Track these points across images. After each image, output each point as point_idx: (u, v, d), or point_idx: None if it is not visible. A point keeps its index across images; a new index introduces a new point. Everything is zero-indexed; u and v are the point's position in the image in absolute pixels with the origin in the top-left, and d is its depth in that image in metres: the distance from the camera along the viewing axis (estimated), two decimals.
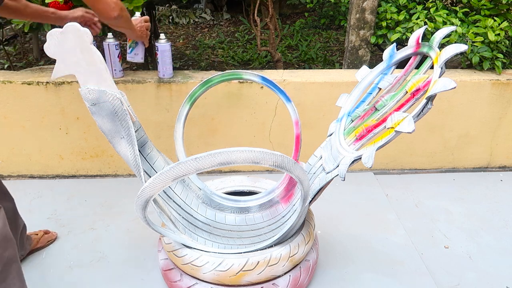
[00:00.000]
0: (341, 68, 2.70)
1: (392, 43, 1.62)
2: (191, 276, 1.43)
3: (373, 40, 2.40)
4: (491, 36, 2.17)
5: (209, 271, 1.35)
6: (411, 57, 1.39)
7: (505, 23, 2.22)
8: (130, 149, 1.31)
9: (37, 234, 1.79)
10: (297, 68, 3.12)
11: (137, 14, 1.94)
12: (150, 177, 1.42)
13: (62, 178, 2.35)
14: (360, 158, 1.21)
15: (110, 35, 2.07)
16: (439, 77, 1.15)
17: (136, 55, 2.03)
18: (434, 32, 1.47)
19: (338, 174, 1.28)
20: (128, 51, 2.04)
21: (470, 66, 2.39)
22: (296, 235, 1.46)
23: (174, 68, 2.22)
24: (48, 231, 1.85)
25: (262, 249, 1.39)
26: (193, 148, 2.30)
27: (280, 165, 1.11)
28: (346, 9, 2.70)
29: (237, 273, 1.34)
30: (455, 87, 1.06)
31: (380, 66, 1.47)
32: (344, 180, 1.24)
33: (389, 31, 2.39)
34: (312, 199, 1.39)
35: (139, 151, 1.42)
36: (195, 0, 4.75)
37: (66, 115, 2.18)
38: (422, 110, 1.14)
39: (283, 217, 1.64)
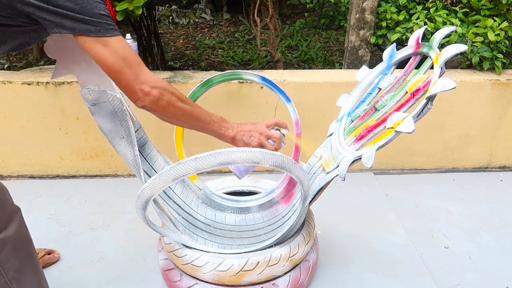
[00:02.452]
0: (341, 68, 2.70)
1: (392, 43, 1.63)
2: (191, 276, 1.43)
3: (373, 40, 2.40)
4: (491, 36, 2.17)
5: (209, 271, 1.35)
6: (411, 57, 1.39)
7: (505, 23, 2.22)
8: (130, 149, 1.31)
9: (38, 254, 1.65)
10: (297, 68, 3.12)
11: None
12: (150, 177, 1.42)
13: (62, 178, 2.35)
14: (360, 158, 1.21)
15: None
16: (439, 77, 1.15)
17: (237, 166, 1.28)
18: (434, 32, 1.47)
19: (338, 174, 1.28)
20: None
21: (470, 66, 2.39)
22: (296, 235, 1.46)
23: (174, 68, 2.22)
24: (52, 251, 1.74)
25: (262, 249, 1.38)
26: (193, 148, 2.30)
27: (280, 165, 1.11)
28: (346, 9, 2.70)
29: (237, 273, 1.34)
30: (455, 87, 1.06)
31: (380, 66, 1.47)
32: (344, 180, 1.24)
33: (389, 31, 2.39)
34: (312, 199, 1.39)
35: (139, 151, 1.42)
36: (195, 0, 4.75)
37: (66, 115, 2.18)
38: (422, 110, 1.14)
39: (283, 217, 1.64)
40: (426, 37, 2.30)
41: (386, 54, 1.46)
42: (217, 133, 1.20)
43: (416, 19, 2.32)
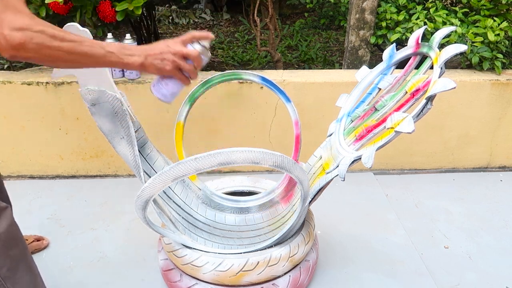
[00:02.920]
0: (341, 68, 2.70)
1: (392, 43, 1.63)
2: (191, 276, 1.43)
3: (373, 40, 2.40)
4: (491, 36, 2.17)
5: (209, 271, 1.35)
6: (410, 57, 1.39)
7: (505, 23, 2.22)
8: (130, 150, 1.31)
9: (27, 240, 1.71)
10: (297, 68, 3.12)
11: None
12: (150, 177, 1.42)
13: (62, 178, 2.35)
14: (360, 158, 1.21)
15: (110, 35, 2.07)
16: (439, 77, 1.15)
17: (158, 89, 1.10)
18: (434, 32, 1.48)
19: (338, 174, 1.28)
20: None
21: (469, 66, 2.39)
22: (296, 235, 1.46)
23: None
24: (41, 237, 1.79)
25: (262, 249, 1.39)
26: (193, 148, 2.30)
27: (280, 165, 1.11)
28: (346, 9, 2.70)
29: (237, 273, 1.34)
30: (455, 87, 1.06)
31: (380, 66, 1.47)
32: (344, 180, 1.24)
33: (389, 31, 2.39)
34: (312, 199, 1.39)
35: (139, 151, 1.42)
36: (195, 0, 4.75)
37: (66, 115, 2.18)
38: (422, 110, 1.14)
39: (283, 217, 1.64)
40: (426, 37, 2.30)
41: (386, 54, 1.46)
42: (119, 64, 0.99)
43: (416, 19, 2.32)
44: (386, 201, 2.18)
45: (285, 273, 1.45)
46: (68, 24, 1.22)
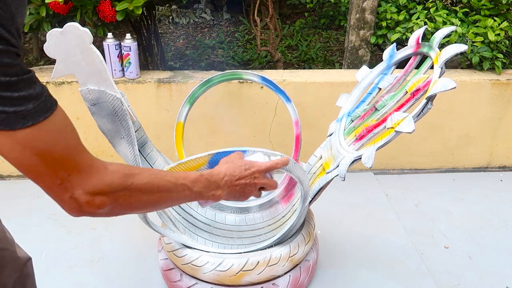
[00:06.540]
0: (341, 68, 2.70)
1: (392, 43, 1.63)
2: (191, 276, 1.43)
3: (373, 40, 2.40)
4: (491, 36, 2.17)
5: (209, 271, 1.35)
6: (411, 57, 1.39)
7: (505, 23, 2.22)
8: (130, 149, 1.31)
9: None
10: (297, 68, 3.12)
11: None
12: None
13: None
14: (360, 158, 1.21)
15: (110, 35, 2.07)
16: (439, 77, 1.15)
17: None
18: (434, 32, 1.48)
19: (338, 174, 1.28)
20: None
21: (470, 66, 2.39)
22: (296, 235, 1.46)
23: (174, 68, 2.22)
24: None
25: (262, 249, 1.39)
26: (193, 148, 2.30)
27: None
28: (346, 9, 2.70)
29: (237, 273, 1.34)
30: (455, 87, 1.06)
31: (380, 66, 1.47)
32: (344, 180, 1.24)
33: (389, 31, 2.39)
34: (312, 199, 1.39)
35: (139, 151, 1.42)
36: (195, 0, 4.75)
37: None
38: (422, 110, 1.14)
39: (283, 217, 1.64)
40: (426, 37, 2.29)
41: (386, 54, 1.46)
42: (203, 198, 0.90)
43: (416, 19, 2.32)
44: (386, 201, 2.18)
45: (285, 273, 1.45)
46: (68, 23, 1.22)
